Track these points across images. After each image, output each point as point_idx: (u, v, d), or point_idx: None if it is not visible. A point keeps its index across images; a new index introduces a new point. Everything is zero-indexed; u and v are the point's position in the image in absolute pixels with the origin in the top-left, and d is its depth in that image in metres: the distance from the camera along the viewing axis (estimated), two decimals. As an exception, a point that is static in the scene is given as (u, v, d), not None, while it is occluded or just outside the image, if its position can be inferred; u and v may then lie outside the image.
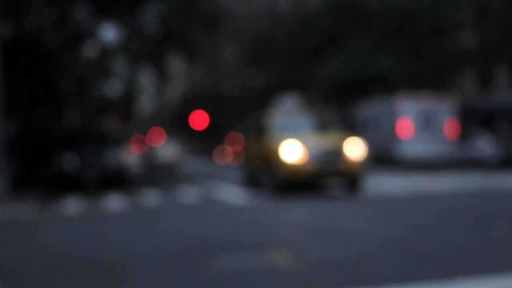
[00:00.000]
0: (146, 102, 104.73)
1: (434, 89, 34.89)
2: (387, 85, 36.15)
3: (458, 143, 30.81)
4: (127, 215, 12.52)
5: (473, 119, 38.40)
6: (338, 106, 42.96)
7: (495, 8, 34.25)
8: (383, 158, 30.50)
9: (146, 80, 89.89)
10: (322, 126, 16.51)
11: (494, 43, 34.17)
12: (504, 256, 6.33)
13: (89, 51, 32.39)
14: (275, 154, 14.98)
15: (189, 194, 17.03)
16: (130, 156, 22.55)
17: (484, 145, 30.49)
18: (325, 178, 15.00)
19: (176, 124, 76.16)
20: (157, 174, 30.74)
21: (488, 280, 5.17)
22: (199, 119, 69.55)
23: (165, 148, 40.24)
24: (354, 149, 15.03)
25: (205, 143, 74.18)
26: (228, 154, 60.43)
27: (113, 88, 51.99)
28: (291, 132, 15.41)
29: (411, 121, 29.29)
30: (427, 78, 36.02)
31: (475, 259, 6.19)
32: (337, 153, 14.86)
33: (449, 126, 29.43)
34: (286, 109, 17.82)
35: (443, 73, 36.41)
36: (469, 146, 31.05)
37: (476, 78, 39.97)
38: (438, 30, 35.59)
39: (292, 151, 14.67)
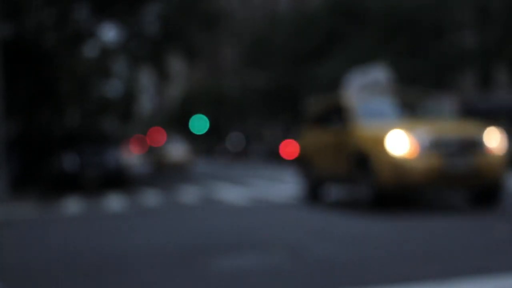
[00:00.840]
0: (146, 102, 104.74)
1: (434, 89, 34.90)
2: (387, 85, 36.12)
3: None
4: (127, 215, 12.52)
5: (473, 119, 38.37)
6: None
7: (495, 8, 34.26)
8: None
9: (146, 80, 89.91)
10: (428, 111, 12.26)
11: (494, 43, 34.18)
12: (504, 256, 6.33)
13: (89, 51, 32.39)
14: (371, 148, 10.69)
15: (189, 194, 17.03)
16: (130, 156, 22.53)
17: (484, 145, 30.42)
18: (452, 181, 10.36)
19: (176, 124, 76.17)
20: (166, 174, 30.60)
21: (488, 280, 5.17)
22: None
23: (174, 147, 38.23)
24: (495, 141, 10.62)
25: (205, 143, 74.22)
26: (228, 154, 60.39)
27: (113, 88, 52.03)
28: (388, 119, 11.44)
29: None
30: (427, 78, 36.02)
31: (475, 259, 6.19)
32: (472, 145, 10.45)
33: (449, 126, 29.38)
34: (369, 87, 13.15)
35: (443, 73, 36.43)
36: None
37: (476, 78, 39.97)
38: (438, 30, 35.61)
39: (399, 143, 10.34)
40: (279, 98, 48.43)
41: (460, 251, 6.68)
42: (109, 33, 29.91)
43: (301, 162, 13.82)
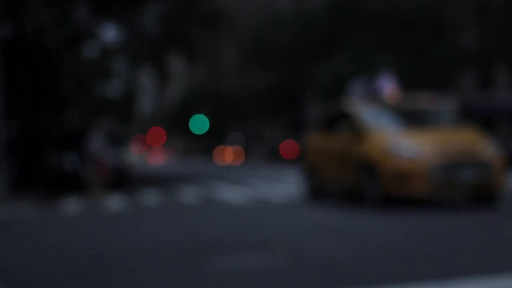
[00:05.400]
0: (146, 102, 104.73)
1: (434, 89, 34.88)
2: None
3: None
4: (127, 215, 12.52)
5: (473, 119, 38.39)
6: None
7: (495, 8, 34.26)
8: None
9: (146, 80, 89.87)
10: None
11: (494, 43, 34.17)
12: (504, 256, 6.33)
13: (89, 51, 32.38)
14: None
15: (189, 194, 17.03)
16: (130, 155, 22.46)
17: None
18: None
19: (176, 124, 76.17)
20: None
21: (488, 280, 5.17)
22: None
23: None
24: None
25: (205, 143, 74.20)
26: (228, 154, 60.40)
27: (113, 88, 52.03)
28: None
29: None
30: (427, 78, 36.02)
31: (475, 259, 6.19)
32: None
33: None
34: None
35: (443, 73, 36.42)
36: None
37: (476, 78, 39.96)
38: (438, 30, 35.61)
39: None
40: (278, 98, 48.43)
41: (460, 251, 6.68)
42: (109, 33, 29.87)
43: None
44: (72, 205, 15.13)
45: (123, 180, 19.98)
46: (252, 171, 31.46)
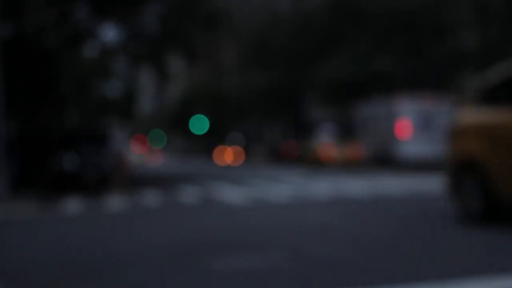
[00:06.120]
0: (146, 102, 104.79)
1: (434, 89, 34.92)
2: (387, 85, 36.19)
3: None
4: (127, 215, 12.52)
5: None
6: (338, 106, 43.03)
7: (495, 8, 34.28)
8: (382, 158, 30.53)
9: (146, 80, 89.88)
10: None
11: (494, 43, 34.20)
12: (503, 256, 6.33)
13: (89, 51, 32.39)
14: None
15: (189, 194, 17.03)
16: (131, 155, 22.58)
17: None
18: None
19: (176, 124, 76.19)
20: None
21: (488, 280, 5.17)
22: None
23: None
24: None
25: (205, 143, 74.24)
26: (228, 154, 60.43)
27: (113, 88, 52.09)
28: None
29: (410, 122, 29.29)
30: (427, 78, 36.05)
31: (475, 259, 6.20)
32: None
33: (449, 126, 29.34)
34: None
35: (443, 73, 36.45)
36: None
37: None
38: (438, 30, 35.64)
39: None
40: (278, 98, 48.45)
41: (460, 251, 6.68)
42: (109, 33, 29.90)
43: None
44: (72, 205, 15.14)
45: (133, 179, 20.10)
46: (252, 171, 31.48)
